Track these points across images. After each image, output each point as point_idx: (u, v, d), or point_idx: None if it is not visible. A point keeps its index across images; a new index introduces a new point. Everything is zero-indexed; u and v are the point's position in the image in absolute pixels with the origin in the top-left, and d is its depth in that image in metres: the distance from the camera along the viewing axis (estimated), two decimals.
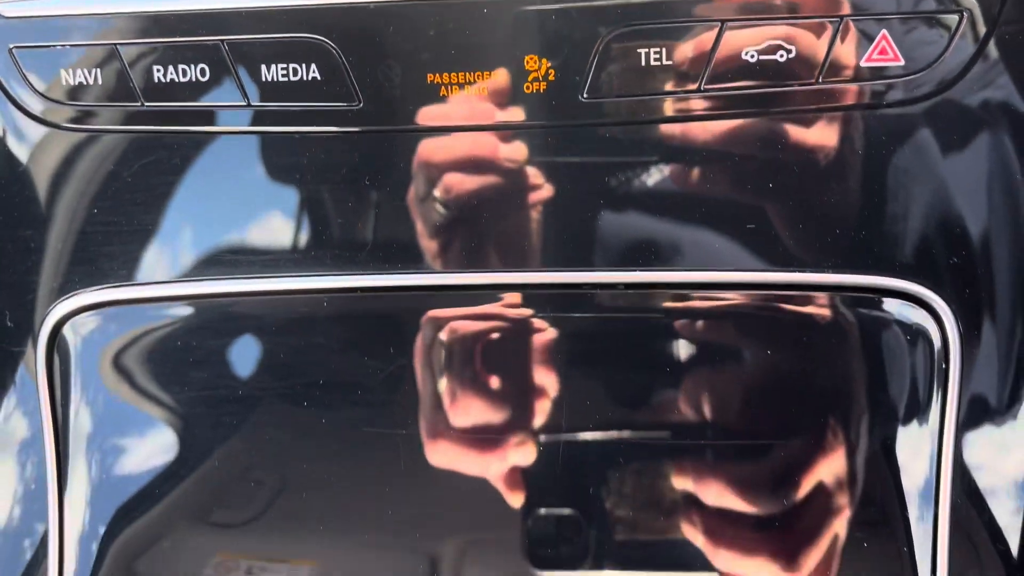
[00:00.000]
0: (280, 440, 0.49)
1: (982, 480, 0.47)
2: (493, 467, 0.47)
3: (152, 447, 0.49)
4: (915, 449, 0.47)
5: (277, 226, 0.49)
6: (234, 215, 0.49)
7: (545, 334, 0.48)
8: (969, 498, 0.47)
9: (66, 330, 0.50)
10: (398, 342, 0.48)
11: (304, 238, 0.49)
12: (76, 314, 0.50)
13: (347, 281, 0.49)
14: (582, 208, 0.48)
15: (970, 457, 0.48)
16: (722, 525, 0.46)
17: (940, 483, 0.46)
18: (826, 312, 0.47)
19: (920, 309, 0.48)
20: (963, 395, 0.47)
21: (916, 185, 0.47)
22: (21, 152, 0.50)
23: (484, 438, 0.47)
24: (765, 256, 0.48)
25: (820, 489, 0.47)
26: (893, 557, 0.46)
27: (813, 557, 0.46)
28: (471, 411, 0.47)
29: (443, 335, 0.48)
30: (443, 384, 0.48)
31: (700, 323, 0.48)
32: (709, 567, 0.47)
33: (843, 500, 0.46)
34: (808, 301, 0.48)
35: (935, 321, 0.47)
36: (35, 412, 0.50)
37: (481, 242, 0.48)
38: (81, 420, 0.50)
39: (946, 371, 0.47)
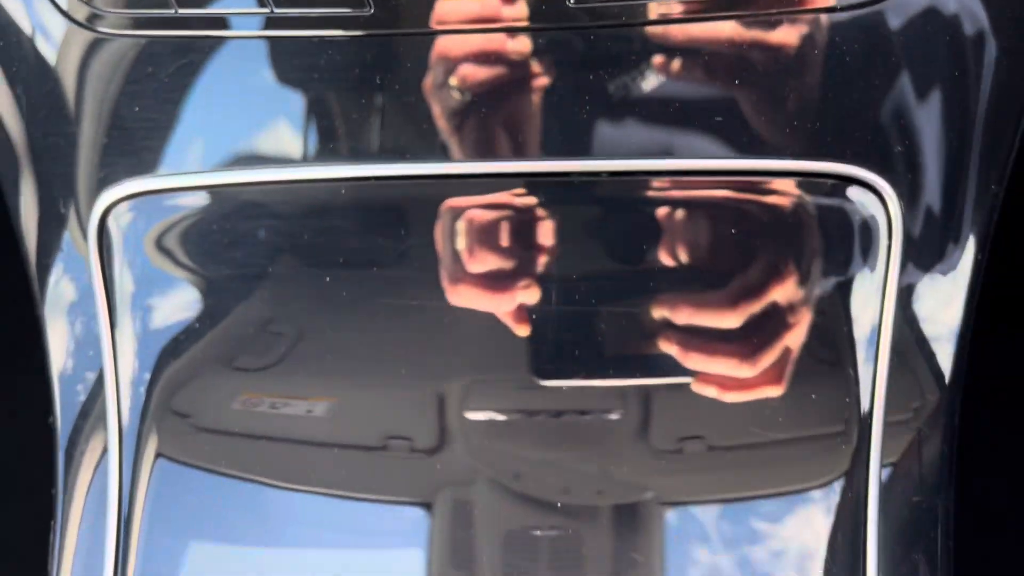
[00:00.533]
0: (302, 300, 0.56)
1: (922, 328, 0.55)
2: (503, 305, 0.54)
3: (189, 309, 0.56)
4: (863, 303, 0.54)
5: (298, 122, 0.55)
6: (260, 112, 0.55)
7: (543, 209, 0.54)
8: (911, 337, 0.55)
9: (113, 214, 0.56)
10: (410, 221, 0.55)
11: (322, 132, 0.55)
12: (121, 201, 0.56)
13: (361, 171, 0.55)
14: (569, 105, 0.53)
15: (909, 310, 0.55)
16: (696, 342, 0.54)
17: (882, 327, 0.54)
18: (786, 193, 0.54)
19: (869, 191, 0.54)
20: (904, 261, 0.54)
21: (868, 82, 0.53)
22: (68, 57, 0.55)
23: (496, 284, 0.54)
24: (737, 145, 0.54)
25: (778, 320, 0.54)
26: (841, 383, 0.54)
27: (767, 360, 0.53)
28: (486, 264, 0.54)
29: (451, 214, 0.55)
30: (457, 251, 0.54)
31: (680, 199, 0.54)
32: (683, 371, 0.54)
33: (799, 329, 0.54)
34: (771, 183, 0.54)
35: (881, 201, 0.54)
36: (82, 278, 0.57)
37: (474, 135, 0.54)
38: (127, 289, 0.57)
39: (890, 244, 0.54)
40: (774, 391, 0.53)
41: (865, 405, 0.54)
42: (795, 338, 0.54)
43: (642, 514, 0.54)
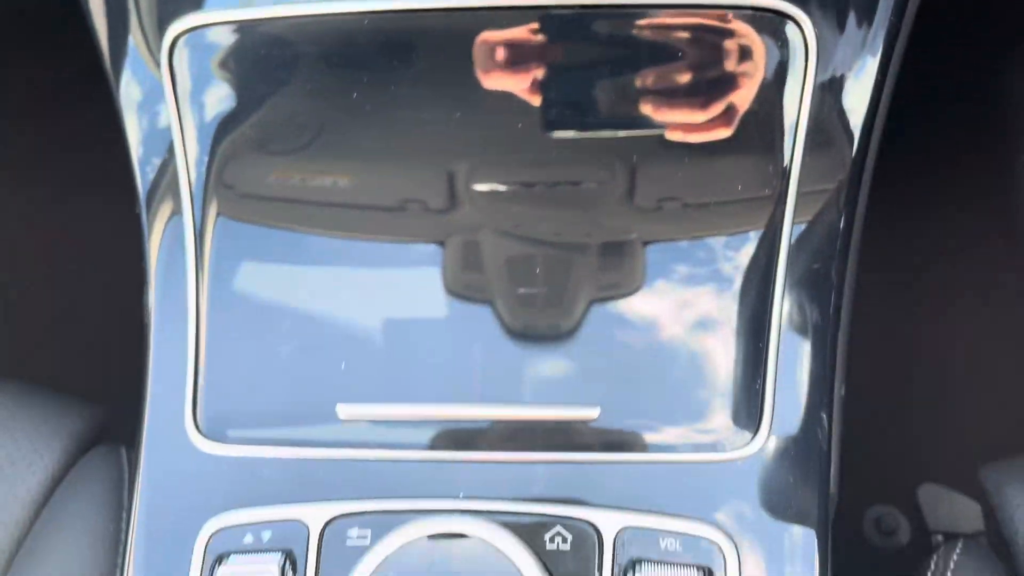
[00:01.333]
0: (330, 104, 0.70)
1: (833, 123, 0.69)
2: (520, 84, 0.68)
3: (238, 111, 0.71)
4: (789, 99, 0.68)
5: None
6: None
7: (544, 32, 0.67)
8: (825, 127, 0.69)
9: (179, 42, 0.70)
10: (419, 44, 0.68)
11: None
12: (186, 32, 0.70)
13: (380, 4, 0.68)
14: None
15: (823, 109, 0.69)
16: (664, 102, 0.68)
17: (800, 118, 0.68)
18: (730, 20, 0.67)
19: (791, 22, 0.67)
20: (817, 74, 0.68)
21: None
22: None
23: (514, 69, 0.68)
24: None
25: (723, 89, 0.68)
26: (769, 158, 0.69)
27: (718, 111, 0.68)
28: (493, 74, 0.68)
29: (454, 36, 0.68)
30: (469, 60, 0.67)
31: (645, 31, 0.67)
32: (656, 124, 0.68)
33: (742, 95, 0.68)
34: (717, 15, 0.67)
35: (799, 30, 0.67)
36: (147, 83, 0.72)
37: None
38: (189, 94, 0.71)
39: (806, 60, 0.68)
40: (725, 133, 0.68)
41: (785, 172, 0.68)
42: (740, 99, 0.68)
43: (620, 247, 0.70)
